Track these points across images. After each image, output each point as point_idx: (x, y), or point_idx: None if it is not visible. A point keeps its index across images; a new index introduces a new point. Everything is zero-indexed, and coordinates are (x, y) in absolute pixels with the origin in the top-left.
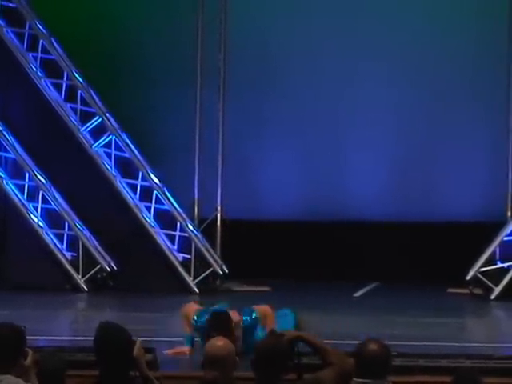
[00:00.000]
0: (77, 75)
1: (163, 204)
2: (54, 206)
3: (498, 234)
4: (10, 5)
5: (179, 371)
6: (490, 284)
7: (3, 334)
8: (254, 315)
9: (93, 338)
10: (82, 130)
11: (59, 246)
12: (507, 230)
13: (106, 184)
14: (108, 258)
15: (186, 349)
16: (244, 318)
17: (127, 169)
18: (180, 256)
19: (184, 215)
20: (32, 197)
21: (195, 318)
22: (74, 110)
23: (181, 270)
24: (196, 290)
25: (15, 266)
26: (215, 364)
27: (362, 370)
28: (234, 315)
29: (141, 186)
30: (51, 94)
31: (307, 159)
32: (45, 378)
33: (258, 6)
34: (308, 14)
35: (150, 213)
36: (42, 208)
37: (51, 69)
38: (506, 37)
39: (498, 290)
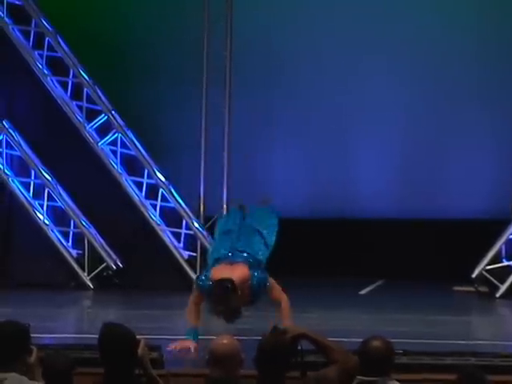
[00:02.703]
0: (83, 73)
1: (169, 202)
2: (60, 204)
3: (503, 232)
4: (16, 2)
5: (185, 369)
6: (495, 282)
7: (7, 331)
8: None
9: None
10: (87, 127)
11: (65, 243)
12: None
13: (111, 182)
14: (114, 256)
15: (188, 343)
16: (252, 272)
17: (133, 166)
18: (186, 254)
19: (190, 213)
20: (38, 194)
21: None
22: (80, 108)
23: (186, 267)
24: None
25: (21, 263)
26: (220, 362)
27: (366, 367)
28: (243, 271)
29: (146, 184)
30: (57, 91)
31: (313, 157)
32: (52, 376)
33: (264, 3)
34: (314, 11)
35: (155, 210)
36: (47, 206)
37: (57, 67)
38: None
39: (503, 287)
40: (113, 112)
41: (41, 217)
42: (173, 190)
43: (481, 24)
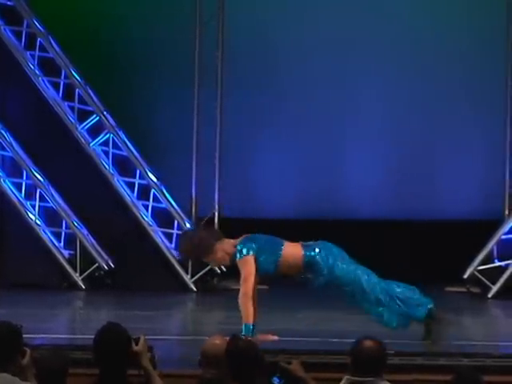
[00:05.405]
0: (74, 73)
1: (161, 202)
2: (52, 205)
3: (495, 233)
4: (8, 3)
5: (177, 370)
6: (487, 282)
7: None
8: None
9: (90, 337)
10: (79, 128)
11: (57, 244)
12: (505, 229)
13: (103, 182)
14: (106, 257)
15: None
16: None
17: (125, 167)
18: (177, 254)
19: (181, 213)
20: (29, 195)
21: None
22: (72, 109)
23: (178, 268)
24: (194, 288)
25: (12, 264)
26: (213, 363)
27: (358, 367)
28: (297, 249)
29: (138, 185)
30: (49, 92)
31: (305, 158)
32: (45, 376)
33: (256, 4)
34: (307, 12)
35: (147, 211)
36: (39, 206)
37: (49, 67)
38: (504, 34)
39: (495, 288)
40: (104, 113)
41: (32, 217)
42: (165, 191)
43: (470, 24)
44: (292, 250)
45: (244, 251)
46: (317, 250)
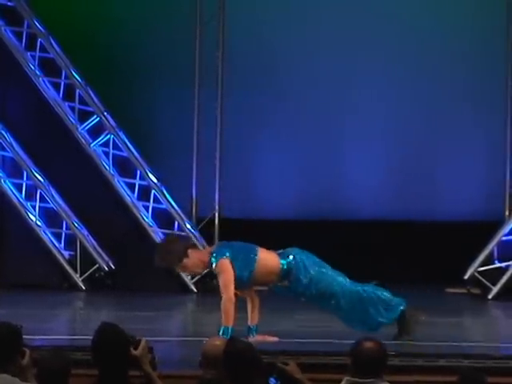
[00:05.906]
0: (75, 74)
1: (161, 203)
2: (52, 205)
3: (496, 234)
4: (9, 4)
5: (177, 371)
6: (487, 284)
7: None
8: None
9: (90, 337)
10: (80, 128)
11: (57, 244)
12: (505, 230)
13: (104, 183)
14: (106, 257)
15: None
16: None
17: (125, 168)
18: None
19: (182, 214)
20: (30, 196)
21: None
22: (72, 109)
23: None
24: (194, 289)
25: (13, 264)
26: (213, 363)
27: (358, 368)
28: (273, 257)
29: (139, 185)
30: (49, 92)
31: (305, 158)
32: (46, 377)
33: (257, 4)
34: (307, 12)
35: (148, 212)
36: (39, 207)
37: (49, 68)
38: (504, 34)
39: (495, 289)
40: (105, 113)
41: (33, 218)
42: (165, 192)
43: (471, 24)
44: (267, 258)
45: (219, 256)
46: (291, 256)
